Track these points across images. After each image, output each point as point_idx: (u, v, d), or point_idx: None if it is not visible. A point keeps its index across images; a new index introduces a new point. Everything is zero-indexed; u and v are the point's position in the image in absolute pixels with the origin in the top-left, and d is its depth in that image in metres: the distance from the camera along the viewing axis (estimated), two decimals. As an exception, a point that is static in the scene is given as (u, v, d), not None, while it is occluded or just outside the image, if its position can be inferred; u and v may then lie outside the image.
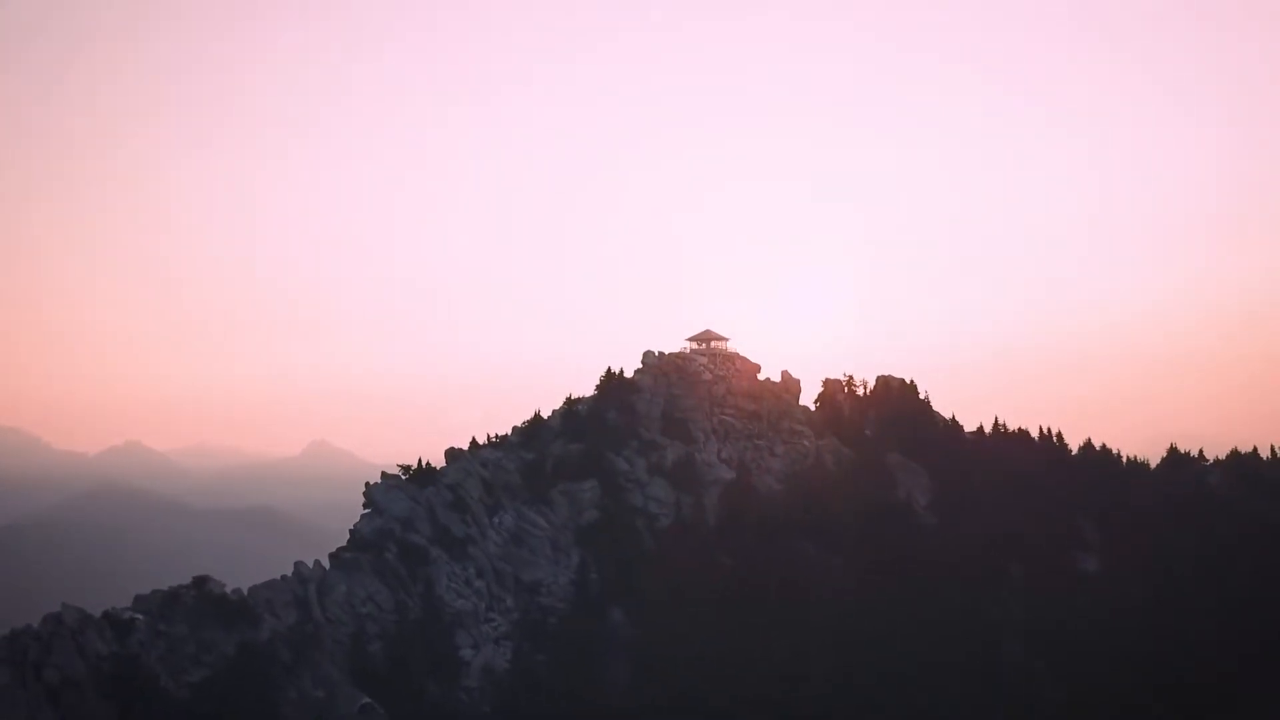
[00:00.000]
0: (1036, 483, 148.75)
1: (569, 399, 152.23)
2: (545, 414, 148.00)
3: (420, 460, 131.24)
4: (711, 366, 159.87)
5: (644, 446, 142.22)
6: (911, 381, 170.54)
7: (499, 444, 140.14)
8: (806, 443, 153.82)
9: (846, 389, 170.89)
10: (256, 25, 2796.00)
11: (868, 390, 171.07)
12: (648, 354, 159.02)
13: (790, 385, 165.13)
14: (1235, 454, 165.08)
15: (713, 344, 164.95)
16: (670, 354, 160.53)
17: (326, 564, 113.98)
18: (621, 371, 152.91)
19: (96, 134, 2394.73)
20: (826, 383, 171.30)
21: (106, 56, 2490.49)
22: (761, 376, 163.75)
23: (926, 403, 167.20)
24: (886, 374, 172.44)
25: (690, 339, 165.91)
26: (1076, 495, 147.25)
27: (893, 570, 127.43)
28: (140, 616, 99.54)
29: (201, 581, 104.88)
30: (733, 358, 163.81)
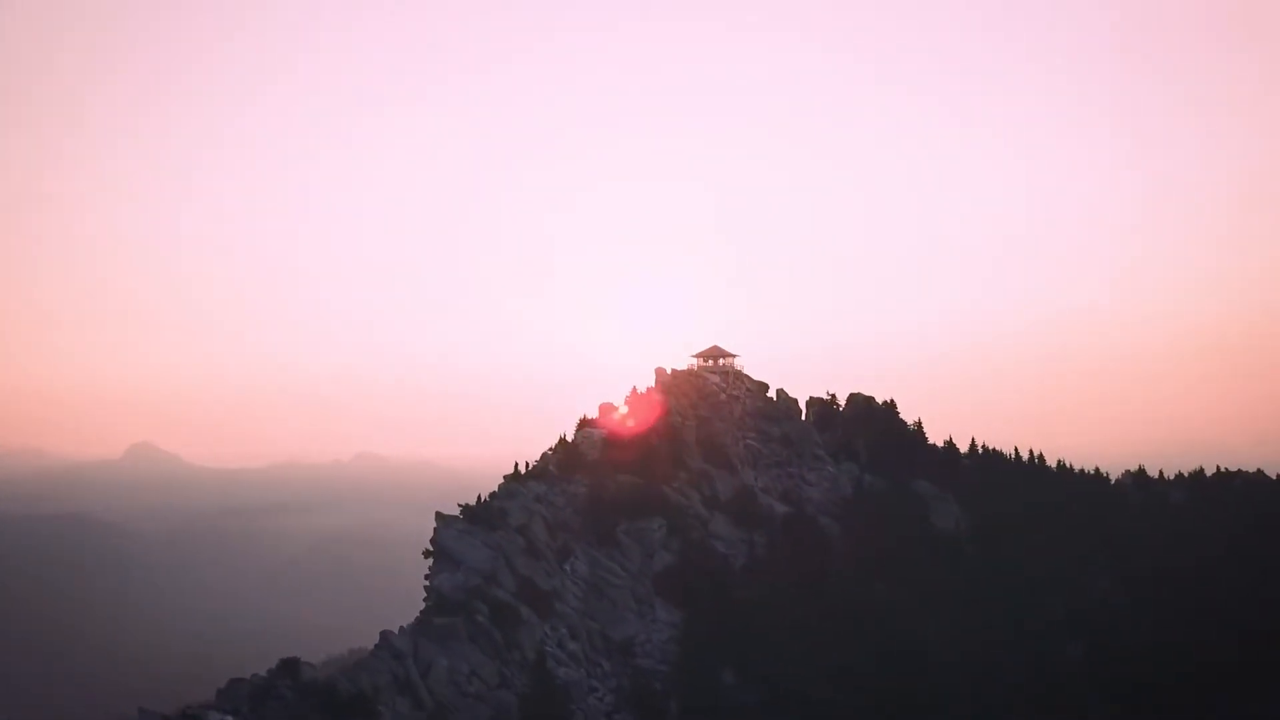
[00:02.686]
0: (1045, 505, 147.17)
1: (586, 420, 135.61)
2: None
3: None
4: (724, 386, 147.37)
5: (693, 477, 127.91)
6: (891, 401, 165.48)
7: (538, 475, 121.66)
8: (830, 469, 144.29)
9: (832, 408, 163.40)
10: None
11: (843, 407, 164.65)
12: (660, 371, 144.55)
13: (792, 406, 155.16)
14: (1198, 473, 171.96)
15: (721, 361, 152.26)
16: (682, 371, 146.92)
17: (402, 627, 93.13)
18: (649, 390, 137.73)
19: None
20: (814, 402, 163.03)
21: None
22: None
23: (919, 426, 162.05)
24: (856, 391, 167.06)
25: (697, 355, 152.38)
26: (1077, 515, 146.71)
27: (972, 612, 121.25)
28: (230, 718, 76.55)
29: (292, 667, 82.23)
30: (741, 375, 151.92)
